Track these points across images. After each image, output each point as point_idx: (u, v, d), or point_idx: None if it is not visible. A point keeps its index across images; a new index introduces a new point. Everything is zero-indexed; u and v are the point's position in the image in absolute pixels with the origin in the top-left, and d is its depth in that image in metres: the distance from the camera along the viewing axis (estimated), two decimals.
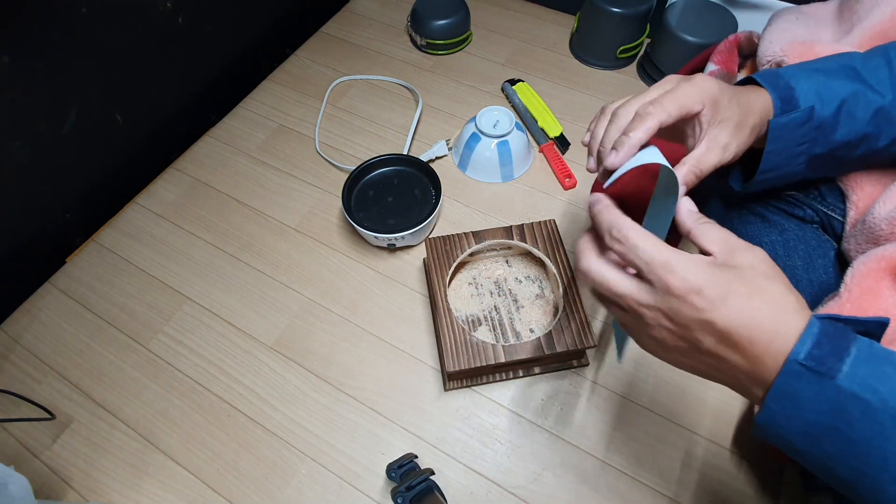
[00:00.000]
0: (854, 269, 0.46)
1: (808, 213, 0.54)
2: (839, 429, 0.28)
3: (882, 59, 0.44)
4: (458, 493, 0.56)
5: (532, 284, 0.66)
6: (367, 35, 0.99)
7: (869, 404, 0.27)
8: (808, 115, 0.42)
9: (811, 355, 0.28)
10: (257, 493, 0.56)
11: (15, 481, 0.46)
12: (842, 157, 0.45)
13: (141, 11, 0.71)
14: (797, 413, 0.29)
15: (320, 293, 0.69)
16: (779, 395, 0.29)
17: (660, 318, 0.32)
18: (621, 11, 0.83)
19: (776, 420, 0.30)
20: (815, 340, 0.29)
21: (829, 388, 0.28)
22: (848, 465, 0.29)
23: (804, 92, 0.42)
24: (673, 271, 0.31)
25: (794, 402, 0.29)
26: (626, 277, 0.34)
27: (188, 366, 0.64)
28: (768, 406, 0.30)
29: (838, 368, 0.28)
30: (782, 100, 0.42)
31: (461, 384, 0.62)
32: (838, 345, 0.29)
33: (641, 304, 0.33)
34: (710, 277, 0.30)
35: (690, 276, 0.30)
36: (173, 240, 0.74)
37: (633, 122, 0.39)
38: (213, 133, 0.86)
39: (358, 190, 0.72)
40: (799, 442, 0.30)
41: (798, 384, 0.29)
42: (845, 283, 0.46)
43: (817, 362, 0.28)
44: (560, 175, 0.78)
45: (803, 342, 0.29)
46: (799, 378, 0.29)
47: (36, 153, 0.66)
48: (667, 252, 0.32)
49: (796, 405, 0.29)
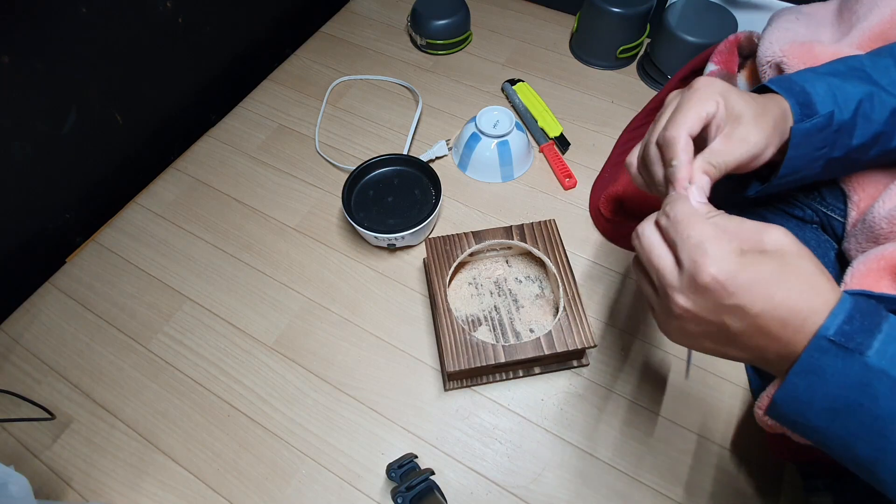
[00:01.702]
0: (853, 269, 0.46)
1: (807, 213, 0.54)
2: (864, 405, 0.28)
3: (890, 60, 0.44)
4: (458, 493, 0.56)
5: (532, 284, 0.66)
6: (367, 35, 0.99)
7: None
8: (828, 120, 0.41)
9: (841, 331, 0.28)
10: (257, 493, 0.56)
11: (15, 481, 0.46)
12: (856, 159, 0.45)
13: (141, 11, 0.71)
14: (821, 388, 0.29)
15: (320, 293, 0.69)
16: (803, 370, 0.29)
17: (688, 304, 0.32)
18: (621, 11, 0.83)
19: (798, 395, 0.30)
20: (846, 316, 0.28)
21: (857, 363, 0.28)
22: (870, 442, 0.29)
23: (821, 96, 0.41)
24: (705, 252, 0.31)
25: (819, 377, 0.29)
26: (669, 254, 0.34)
27: (188, 366, 0.64)
28: (791, 381, 0.30)
29: (868, 345, 0.28)
30: (801, 105, 0.41)
31: (461, 384, 0.62)
32: (870, 321, 0.28)
33: (671, 286, 0.33)
34: (740, 264, 0.30)
35: (721, 260, 0.30)
36: (173, 240, 0.74)
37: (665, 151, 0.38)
38: (213, 133, 0.86)
39: (358, 190, 0.72)
40: (819, 419, 0.30)
41: (825, 360, 0.28)
42: (844, 283, 0.46)
43: (847, 338, 0.28)
44: (560, 175, 0.78)
45: (834, 317, 0.28)
46: (826, 353, 0.28)
47: (36, 153, 0.66)
48: (706, 233, 0.31)
49: (821, 381, 0.29)
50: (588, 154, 0.81)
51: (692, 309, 0.32)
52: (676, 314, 0.33)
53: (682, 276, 0.32)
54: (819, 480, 0.51)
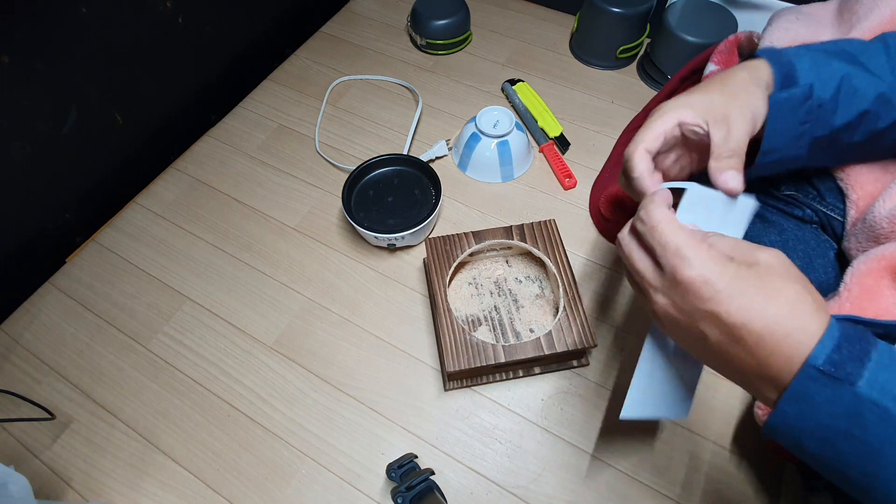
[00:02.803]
0: (854, 269, 0.46)
1: (807, 213, 0.54)
2: (854, 434, 0.28)
3: (880, 45, 0.44)
4: (458, 493, 0.56)
5: (532, 284, 0.66)
6: (367, 35, 0.99)
7: (887, 410, 0.27)
8: (807, 93, 0.41)
9: (830, 360, 0.28)
10: (257, 493, 0.56)
11: (15, 481, 0.46)
12: (844, 143, 0.45)
13: (141, 11, 0.71)
14: (812, 416, 0.29)
15: (320, 293, 0.69)
16: (793, 398, 0.29)
17: (668, 307, 0.33)
18: (621, 11, 0.83)
19: (789, 422, 0.30)
20: (835, 344, 0.28)
21: (847, 393, 0.27)
22: (862, 469, 0.28)
23: (804, 70, 0.41)
24: (683, 258, 0.31)
25: (809, 405, 0.28)
26: (647, 257, 0.34)
27: (188, 366, 0.64)
28: (782, 408, 0.29)
29: (858, 374, 0.27)
30: (783, 76, 0.41)
31: (461, 384, 0.62)
32: (859, 349, 0.28)
33: (652, 287, 0.33)
34: (720, 269, 0.30)
35: (700, 265, 0.31)
36: (173, 240, 0.74)
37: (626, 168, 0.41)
38: (213, 133, 0.86)
39: (358, 190, 0.72)
40: (811, 445, 0.30)
41: (815, 388, 0.28)
42: (845, 283, 0.46)
43: (836, 367, 0.28)
44: (560, 175, 0.78)
45: (823, 345, 0.28)
46: (816, 382, 0.28)
47: (36, 153, 0.66)
48: (683, 238, 0.32)
49: (811, 408, 0.28)
50: (588, 154, 0.81)
51: (670, 311, 0.33)
52: (658, 315, 0.34)
53: (662, 278, 0.33)
54: (819, 480, 0.51)
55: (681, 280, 0.31)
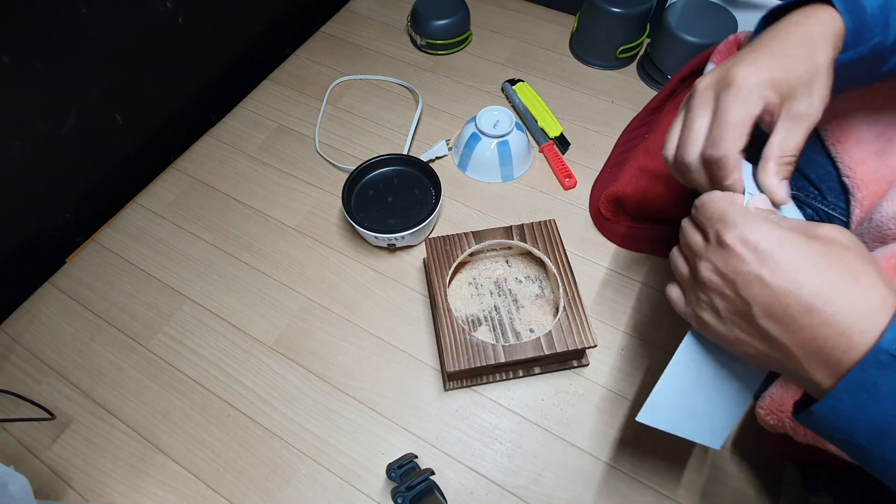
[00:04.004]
0: None
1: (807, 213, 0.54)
2: None
3: None
4: (458, 493, 0.56)
5: (532, 284, 0.66)
6: (367, 35, 0.99)
7: None
8: (872, 49, 0.36)
9: None
10: (257, 493, 0.56)
11: (15, 481, 0.46)
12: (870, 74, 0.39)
13: (141, 11, 0.71)
14: (874, 407, 0.26)
15: (320, 293, 0.69)
16: (855, 386, 0.26)
17: (711, 272, 0.31)
18: (621, 11, 0.83)
19: (845, 412, 0.27)
20: None
21: None
22: None
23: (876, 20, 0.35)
24: (727, 222, 0.30)
25: (873, 395, 0.26)
26: (698, 232, 0.33)
27: (188, 366, 0.64)
28: (838, 397, 0.26)
29: None
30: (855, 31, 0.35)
31: (461, 384, 0.62)
32: None
33: (698, 255, 0.32)
34: (765, 230, 0.28)
35: (743, 224, 0.29)
36: (173, 240, 0.74)
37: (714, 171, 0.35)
38: (213, 133, 0.86)
39: (358, 190, 0.72)
40: (865, 438, 0.27)
41: (882, 376, 0.25)
42: None
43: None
44: (560, 175, 0.78)
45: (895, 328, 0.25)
46: (886, 370, 0.25)
47: (36, 153, 0.66)
48: (727, 205, 0.31)
49: (875, 399, 0.26)
50: (588, 154, 0.81)
51: (714, 278, 0.31)
52: (702, 285, 0.32)
53: (707, 245, 0.32)
54: (819, 480, 0.51)
55: (724, 241, 0.30)
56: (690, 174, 0.37)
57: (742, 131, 0.34)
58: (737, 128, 0.34)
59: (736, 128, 0.34)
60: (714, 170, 0.35)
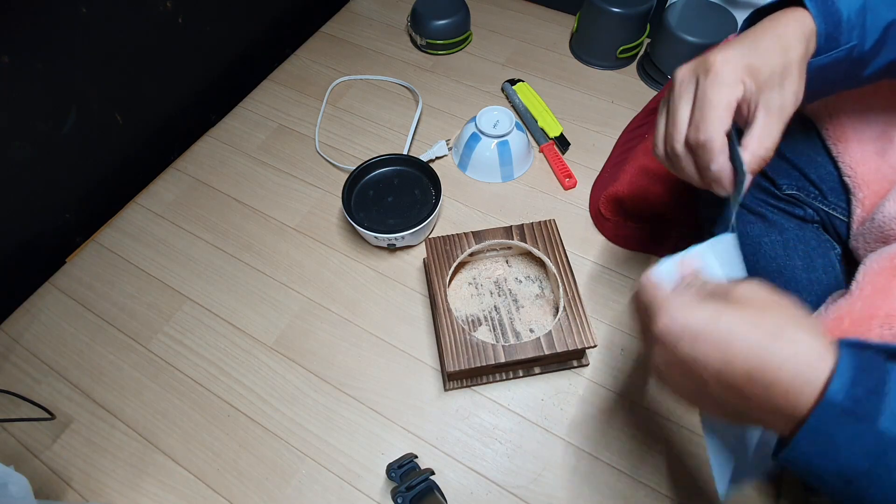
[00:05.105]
0: (866, 268, 0.44)
1: (808, 212, 0.54)
2: (877, 474, 0.25)
3: None
4: (458, 493, 0.56)
5: (532, 284, 0.66)
6: (367, 35, 0.99)
7: None
8: (848, 53, 0.36)
9: (851, 395, 0.25)
10: (257, 493, 0.56)
11: (15, 481, 0.46)
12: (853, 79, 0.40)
13: (141, 11, 0.71)
14: (832, 455, 0.26)
15: (320, 293, 0.69)
16: (812, 436, 0.26)
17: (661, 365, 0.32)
18: (621, 11, 0.83)
19: (807, 459, 0.27)
20: (852, 376, 0.25)
21: (868, 431, 0.25)
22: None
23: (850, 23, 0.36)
24: (657, 310, 0.30)
25: (830, 444, 0.26)
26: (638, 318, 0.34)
27: (188, 366, 0.64)
28: (800, 445, 0.27)
29: (878, 409, 0.25)
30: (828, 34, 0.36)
31: (461, 384, 0.62)
32: (875, 379, 0.26)
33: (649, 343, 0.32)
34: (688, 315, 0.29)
35: (670, 317, 0.30)
36: (173, 240, 0.74)
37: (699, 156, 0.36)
38: (213, 133, 0.86)
39: (358, 190, 0.72)
40: (831, 481, 0.27)
41: (835, 427, 0.26)
42: (857, 282, 0.44)
43: (857, 403, 0.25)
44: (560, 175, 0.78)
45: (840, 377, 0.26)
46: (836, 420, 0.26)
47: (36, 153, 0.66)
48: (659, 294, 0.31)
49: (833, 448, 0.26)
50: (588, 154, 0.81)
51: (660, 362, 0.31)
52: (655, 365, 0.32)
53: (647, 337, 0.32)
54: None
55: (655, 333, 0.30)
56: (679, 162, 0.38)
57: (725, 114, 0.35)
58: (719, 110, 0.35)
59: (718, 110, 0.35)
60: (699, 154, 0.36)
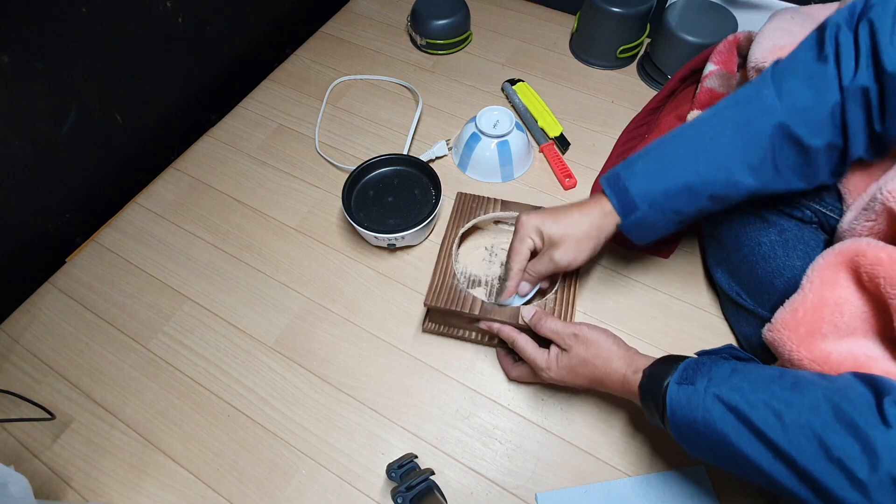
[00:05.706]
0: (815, 263, 0.48)
1: (806, 213, 0.55)
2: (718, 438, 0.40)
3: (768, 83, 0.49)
4: (458, 493, 0.56)
5: None
6: (367, 35, 0.99)
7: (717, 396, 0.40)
8: (643, 215, 0.51)
9: (682, 376, 0.43)
10: (257, 493, 0.56)
11: (15, 481, 0.46)
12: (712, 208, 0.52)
13: (141, 11, 0.71)
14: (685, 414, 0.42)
15: (320, 293, 0.69)
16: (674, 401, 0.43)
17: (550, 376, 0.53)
18: (621, 11, 0.83)
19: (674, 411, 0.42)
20: (683, 368, 0.44)
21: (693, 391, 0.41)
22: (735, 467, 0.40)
23: (639, 194, 0.51)
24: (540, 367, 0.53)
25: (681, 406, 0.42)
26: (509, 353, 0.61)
27: (188, 366, 0.64)
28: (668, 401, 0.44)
29: (695, 380, 0.42)
30: (622, 204, 0.52)
31: (438, 329, 0.64)
32: (697, 368, 0.43)
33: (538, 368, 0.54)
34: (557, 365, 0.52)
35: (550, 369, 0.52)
36: (173, 240, 0.74)
37: None
38: (213, 133, 0.86)
39: (358, 190, 0.72)
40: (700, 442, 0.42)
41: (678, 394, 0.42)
42: (807, 276, 0.48)
43: (684, 377, 0.43)
44: (560, 175, 0.78)
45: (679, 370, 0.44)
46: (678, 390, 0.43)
47: (36, 153, 0.66)
48: (530, 351, 0.54)
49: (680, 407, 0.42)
50: (588, 154, 0.81)
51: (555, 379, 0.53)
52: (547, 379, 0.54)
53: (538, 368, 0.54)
54: None
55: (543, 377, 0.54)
56: None
57: (519, 258, 0.55)
58: (515, 255, 0.55)
59: (515, 254, 0.55)
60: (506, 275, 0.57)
